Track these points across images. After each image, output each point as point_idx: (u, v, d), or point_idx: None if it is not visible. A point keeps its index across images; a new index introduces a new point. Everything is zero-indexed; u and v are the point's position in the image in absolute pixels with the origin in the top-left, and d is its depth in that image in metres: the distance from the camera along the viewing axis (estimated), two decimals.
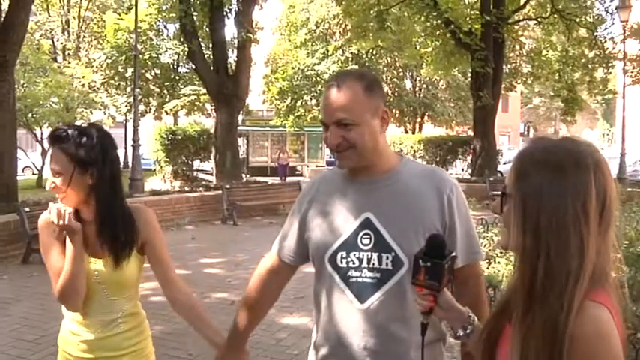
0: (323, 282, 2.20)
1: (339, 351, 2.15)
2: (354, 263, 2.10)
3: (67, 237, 2.42)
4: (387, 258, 2.06)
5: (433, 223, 2.08)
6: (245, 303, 2.45)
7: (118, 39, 31.35)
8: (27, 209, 10.88)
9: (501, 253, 8.22)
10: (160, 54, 32.65)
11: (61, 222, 2.38)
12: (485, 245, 9.05)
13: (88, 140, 2.43)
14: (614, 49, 25.63)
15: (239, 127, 23.93)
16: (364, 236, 2.10)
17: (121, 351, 2.58)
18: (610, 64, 25.61)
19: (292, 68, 37.91)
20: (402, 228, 2.07)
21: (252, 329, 2.51)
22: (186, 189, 18.05)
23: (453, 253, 1.76)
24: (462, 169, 27.42)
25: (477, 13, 22.83)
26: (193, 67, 22.76)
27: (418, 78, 40.23)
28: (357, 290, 2.09)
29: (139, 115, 21.85)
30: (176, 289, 2.65)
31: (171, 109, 34.29)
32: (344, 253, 2.12)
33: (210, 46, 21.59)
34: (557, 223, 1.40)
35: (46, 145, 27.47)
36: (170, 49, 32.18)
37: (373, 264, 2.07)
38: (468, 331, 1.76)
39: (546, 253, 1.40)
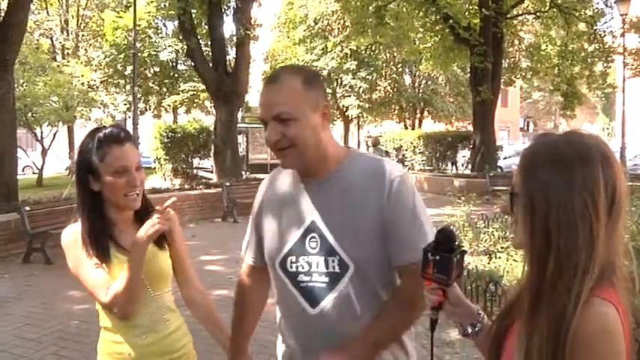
0: (277, 287, 2.19)
1: (298, 356, 2.15)
2: (303, 268, 2.06)
3: (143, 235, 2.36)
4: (333, 262, 2.01)
5: (373, 222, 2.00)
6: (235, 310, 2.44)
7: (116, 37, 31.33)
8: (27, 208, 10.90)
9: (502, 248, 8.24)
10: (159, 52, 32.64)
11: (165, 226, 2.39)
12: (485, 241, 9.08)
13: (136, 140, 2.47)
14: (613, 42, 25.62)
15: (238, 125, 23.89)
16: (311, 240, 2.05)
17: (175, 353, 2.55)
18: (610, 58, 25.60)
19: (291, 65, 37.88)
20: (344, 230, 2.01)
21: (250, 333, 2.49)
22: (187, 187, 18.07)
23: (463, 247, 1.75)
24: (462, 165, 27.40)
25: (476, 7, 22.83)
26: (192, 64, 22.73)
27: (417, 73, 40.21)
28: (307, 295, 2.06)
29: (139, 113, 21.84)
30: (193, 288, 2.66)
31: (169, 105, 34.28)
32: (293, 258, 2.08)
33: (209, 43, 21.55)
34: (565, 219, 1.39)
35: (46, 143, 27.67)
36: (169, 46, 32.16)
37: (321, 268, 2.03)
38: (477, 328, 1.74)
39: (556, 250, 1.39)
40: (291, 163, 2.07)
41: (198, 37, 21.14)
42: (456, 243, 1.73)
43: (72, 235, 2.48)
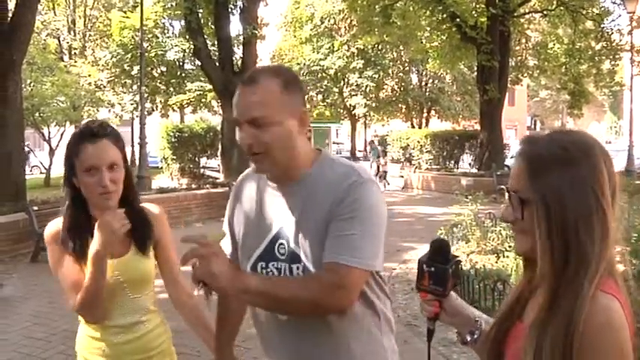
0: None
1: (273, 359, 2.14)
2: (273, 274, 2.03)
3: (98, 245, 2.28)
4: (298, 269, 1.97)
5: (329, 228, 1.92)
6: (218, 310, 2.40)
7: (123, 37, 31.39)
8: (35, 208, 10.93)
9: (509, 247, 8.22)
10: (166, 51, 32.67)
11: (123, 226, 2.31)
12: (493, 240, 9.06)
13: (117, 131, 2.45)
14: (620, 40, 25.52)
15: None
16: (280, 246, 2.01)
17: (150, 352, 2.55)
18: (617, 56, 25.52)
19: (298, 64, 37.95)
20: (307, 237, 1.96)
21: (235, 332, 2.45)
22: (194, 186, 18.10)
23: (458, 258, 1.74)
24: (469, 164, 27.37)
25: (483, 6, 22.77)
26: (199, 64, 22.75)
27: (424, 72, 40.24)
28: None
29: (146, 112, 21.87)
30: (181, 290, 2.64)
31: (176, 105, 34.32)
32: (263, 264, 2.05)
33: (216, 42, 21.56)
34: (583, 213, 1.41)
35: (53, 143, 27.75)
36: (176, 46, 32.20)
37: (287, 275, 2.00)
38: (475, 336, 1.73)
39: (576, 248, 1.40)
40: (264, 169, 2.03)
41: (205, 36, 21.15)
42: (451, 253, 1.73)
43: (53, 231, 2.48)
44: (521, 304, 1.57)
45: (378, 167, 25.69)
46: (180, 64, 34.91)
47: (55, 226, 2.49)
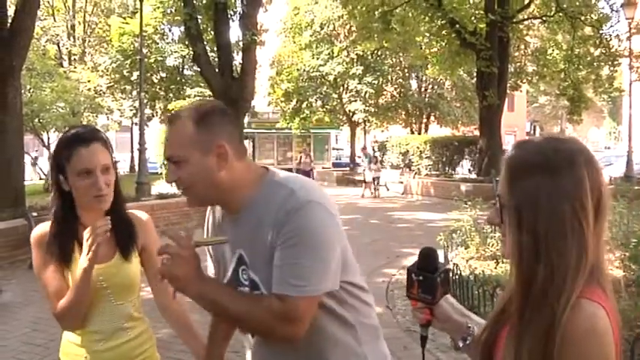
0: None
1: None
2: None
3: (89, 252, 2.30)
4: (265, 296, 1.97)
5: (274, 256, 1.91)
6: (212, 322, 2.41)
7: (123, 43, 31.45)
8: (34, 214, 10.92)
9: None
10: (165, 57, 32.73)
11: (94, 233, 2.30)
12: (492, 245, 9.06)
13: (108, 140, 2.46)
14: (619, 46, 25.57)
15: (245, 130, 23.95)
16: (243, 272, 2.02)
17: (135, 359, 2.55)
18: (616, 62, 25.58)
19: (297, 70, 37.95)
20: (260, 264, 1.96)
21: (227, 339, 2.45)
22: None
23: (448, 266, 1.75)
24: (469, 169, 27.39)
25: (482, 12, 22.84)
26: (198, 70, 22.77)
27: (424, 78, 40.22)
28: None
29: (145, 118, 21.88)
30: (167, 296, 2.54)
31: (174, 109, 34.28)
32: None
33: (216, 48, 21.57)
34: (555, 228, 1.39)
35: (52, 149, 27.78)
36: (175, 52, 32.25)
37: None
38: (467, 342, 1.74)
39: (546, 258, 1.39)
40: (191, 203, 2.05)
41: (205, 42, 21.17)
42: (440, 262, 1.74)
43: (40, 235, 2.48)
44: (509, 309, 1.57)
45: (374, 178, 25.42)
46: (180, 69, 34.98)
47: (41, 229, 2.49)
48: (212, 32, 21.85)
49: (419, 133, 38.69)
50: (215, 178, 1.96)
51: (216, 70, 20.63)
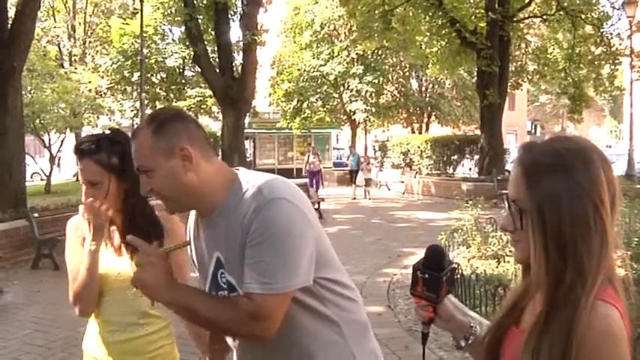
0: None
1: None
2: None
3: (90, 235, 2.47)
4: (236, 297, 1.99)
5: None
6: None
7: (123, 44, 31.38)
8: (36, 215, 10.94)
9: (510, 252, 8.21)
10: (166, 58, 32.70)
11: (93, 218, 2.45)
12: (493, 245, 9.06)
13: (119, 147, 2.49)
14: (620, 45, 25.54)
15: (246, 130, 23.95)
16: (222, 275, 2.03)
17: (145, 355, 2.61)
18: (617, 61, 25.53)
19: (298, 70, 37.95)
20: (236, 266, 1.95)
21: (225, 353, 2.43)
22: None
23: (453, 265, 1.74)
24: (470, 169, 27.38)
25: (482, 11, 22.83)
26: (199, 70, 22.79)
27: (424, 78, 40.22)
28: None
29: None
30: None
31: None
32: (215, 292, 2.08)
33: (216, 49, 21.60)
34: (579, 226, 1.39)
35: (54, 150, 27.79)
36: (176, 52, 32.22)
37: None
38: (469, 341, 1.74)
39: (573, 258, 1.39)
40: (170, 210, 2.10)
41: (205, 43, 21.22)
42: (446, 260, 1.73)
43: (72, 224, 2.66)
44: (518, 309, 1.57)
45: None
46: (181, 70, 34.93)
47: (75, 219, 2.65)
48: (212, 33, 21.90)
49: (420, 133, 38.69)
50: (184, 181, 1.97)
51: (217, 70, 20.69)
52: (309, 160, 26.28)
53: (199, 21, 21.08)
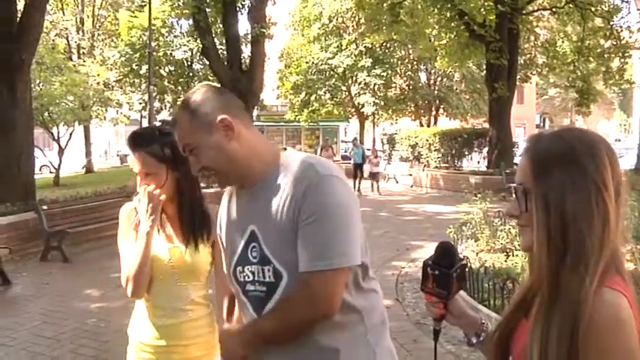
0: (235, 296, 2.21)
1: None
2: (248, 277, 2.06)
3: (145, 220, 2.59)
4: (269, 271, 1.99)
5: (293, 229, 1.93)
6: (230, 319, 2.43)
7: (131, 37, 31.43)
8: (44, 207, 10.99)
9: (519, 245, 8.18)
10: (174, 50, 32.72)
11: (149, 201, 2.58)
12: (502, 238, 9.03)
13: (170, 139, 2.52)
14: (630, 38, 25.38)
15: (254, 123, 23.85)
16: (253, 249, 2.04)
17: (188, 340, 2.70)
18: (626, 54, 25.36)
19: (306, 63, 37.95)
20: (276, 238, 1.98)
21: None
22: (202, 184, 18.09)
23: (464, 262, 1.74)
24: (478, 162, 27.31)
25: (491, 4, 22.70)
26: (207, 63, 22.79)
27: (433, 70, 40.13)
28: (254, 304, 2.07)
29: (154, 112, 21.90)
30: (225, 290, 2.70)
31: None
32: (240, 268, 2.09)
33: (224, 41, 21.59)
34: (582, 210, 1.41)
35: (62, 143, 27.86)
36: (184, 45, 32.24)
37: (260, 277, 2.02)
38: (481, 338, 1.74)
39: (575, 235, 1.40)
40: (222, 184, 2.15)
41: (213, 35, 21.20)
42: (457, 257, 1.73)
43: (125, 211, 2.77)
44: (528, 302, 1.56)
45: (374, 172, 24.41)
46: (189, 63, 34.96)
47: (127, 206, 2.78)
48: (221, 25, 21.89)
49: (428, 126, 38.60)
50: (229, 151, 2.02)
51: (225, 63, 20.67)
52: (322, 154, 24.17)
53: (207, 14, 21.05)
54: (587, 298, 1.35)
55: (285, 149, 2.14)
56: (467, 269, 1.72)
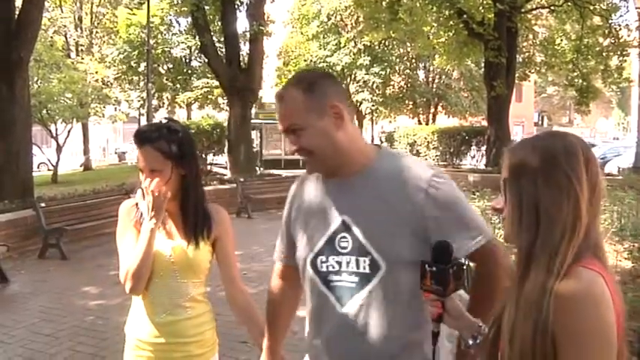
0: (307, 286, 2.19)
1: (324, 353, 2.14)
2: (333, 267, 2.06)
3: (149, 218, 2.58)
4: (365, 262, 2.00)
5: (411, 221, 1.97)
6: (268, 312, 2.47)
7: (130, 34, 31.41)
8: (43, 205, 10.96)
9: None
10: (172, 48, 32.70)
11: (156, 194, 2.55)
12: (501, 237, 9.03)
13: (177, 135, 2.61)
14: (629, 36, 25.36)
15: (252, 120, 23.91)
16: (342, 239, 2.05)
17: (188, 338, 2.69)
18: (625, 52, 25.35)
19: (305, 60, 37.91)
20: (378, 230, 2.00)
21: (284, 333, 2.52)
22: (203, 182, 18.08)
23: (461, 260, 1.75)
24: (476, 160, 27.32)
25: (490, 2, 22.68)
26: (206, 60, 22.78)
27: (431, 69, 40.12)
28: (338, 294, 2.06)
29: (153, 109, 21.88)
30: (236, 288, 2.80)
31: (183, 101, 34.41)
32: (323, 257, 2.09)
33: (223, 39, 21.57)
34: (552, 192, 1.46)
35: (60, 140, 27.82)
36: (182, 43, 32.22)
37: (352, 268, 2.02)
38: (478, 340, 1.76)
39: (545, 219, 1.46)
40: (314, 169, 2.14)
41: (212, 33, 21.20)
42: (453, 256, 1.76)
43: (125, 207, 2.76)
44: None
45: None
46: (187, 60, 34.95)
47: (127, 202, 2.77)
48: (219, 23, 21.88)
49: (426, 124, 38.60)
50: (334, 138, 2.04)
51: (224, 60, 20.65)
52: None
53: (206, 11, 21.03)
54: (557, 272, 1.40)
55: (380, 147, 2.19)
56: (465, 269, 1.74)
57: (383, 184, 2.03)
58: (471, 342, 1.76)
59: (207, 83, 32.11)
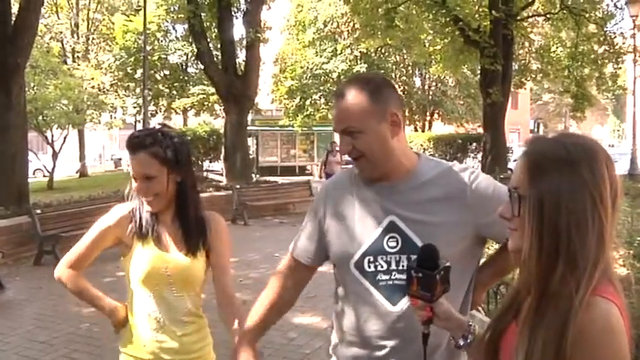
0: (349, 287, 2.17)
1: (366, 354, 2.12)
2: (382, 267, 2.08)
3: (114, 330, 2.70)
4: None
5: (457, 218, 2.06)
6: (260, 301, 2.38)
7: (126, 40, 31.46)
8: (38, 211, 10.95)
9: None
10: (169, 55, 32.73)
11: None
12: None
13: (172, 141, 2.54)
14: (624, 44, 25.45)
15: (248, 127, 23.91)
16: (390, 240, 2.07)
17: (189, 355, 2.61)
18: (620, 60, 25.44)
19: (301, 67, 37.94)
20: (427, 228, 2.03)
21: (266, 327, 2.41)
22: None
23: (447, 264, 1.74)
24: (473, 167, 27.36)
25: (486, 10, 22.75)
26: (202, 67, 22.78)
27: (427, 76, 40.23)
28: (388, 293, 2.07)
29: (149, 115, 21.88)
30: (227, 296, 2.65)
31: (179, 108, 34.41)
32: (371, 258, 2.09)
33: (219, 46, 21.58)
34: (577, 218, 1.39)
35: (56, 146, 27.78)
36: (179, 49, 32.26)
37: (403, 266, 2.04)
38: (468, 340, 1.74)
39: (566, 251, 1.39)
40: (364, 171, 2.15)
41: (208, 40, 21.20)
42: (440, 259, 1.73)
43: (118, 213, 2.69)
44: (516, 306, 1.56)
45: None
46: (184, 67, 34.98)
47: (125, 207, 2.68)
48: (216, 30, 21.87)
49: (422, 131, 38.74)
50: (389, 145, 2.08)
51: (220, 67, 20.65)
52: (329, 160, 20.16)
53: (202, 18, 21.05)
54: (577, 309, 1.35)
55: (419, 153, 2.26)
56: (449, 268, 1.73)
57: (427, 185, 2.10)
58: (461, 342, 1.75)
59: (204, 90, 32.15)
